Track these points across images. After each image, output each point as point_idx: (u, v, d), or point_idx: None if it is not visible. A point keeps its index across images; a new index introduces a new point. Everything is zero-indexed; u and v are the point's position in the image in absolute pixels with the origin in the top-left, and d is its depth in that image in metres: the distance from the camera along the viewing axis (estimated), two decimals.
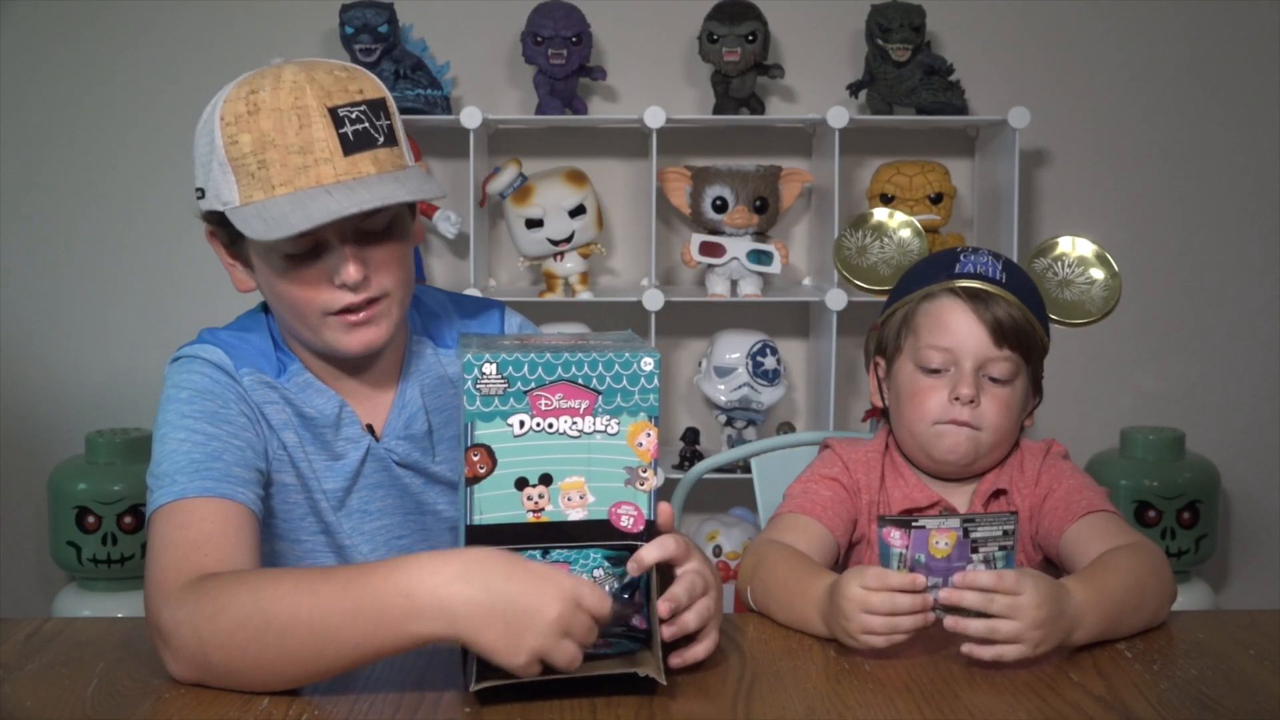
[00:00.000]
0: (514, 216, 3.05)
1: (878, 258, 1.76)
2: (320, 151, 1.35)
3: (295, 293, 1.41)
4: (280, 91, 1.36)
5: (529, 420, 1.25)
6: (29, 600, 3.25)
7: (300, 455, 1.48)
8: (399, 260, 1.44)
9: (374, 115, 1.39)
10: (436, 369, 1.57)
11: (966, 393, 1.58)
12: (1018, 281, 1.63)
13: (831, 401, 3.04)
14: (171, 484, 1.36)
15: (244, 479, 1.39)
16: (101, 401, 3.21)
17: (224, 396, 1.45)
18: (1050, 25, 3.28)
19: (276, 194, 1.35)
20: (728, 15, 3.05)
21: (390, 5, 3.03)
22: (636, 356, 1.26)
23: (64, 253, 3.23)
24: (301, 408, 1.49)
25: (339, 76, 1.39)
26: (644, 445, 1.27)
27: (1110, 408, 3.30)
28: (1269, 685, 1.31)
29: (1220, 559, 3.38)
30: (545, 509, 1.26)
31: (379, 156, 1.38)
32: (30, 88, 3.20)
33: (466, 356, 1.25)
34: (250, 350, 1.50)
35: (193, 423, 1.41)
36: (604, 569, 1.29)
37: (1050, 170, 3.32)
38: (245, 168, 1.36)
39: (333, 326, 1.43)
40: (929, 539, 1.34)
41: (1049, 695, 1.27)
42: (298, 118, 1.35)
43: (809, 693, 1.27)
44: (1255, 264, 3.34)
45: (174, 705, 1.23)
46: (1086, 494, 1.59)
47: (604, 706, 1.23)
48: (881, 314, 1.71)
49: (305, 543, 1.52)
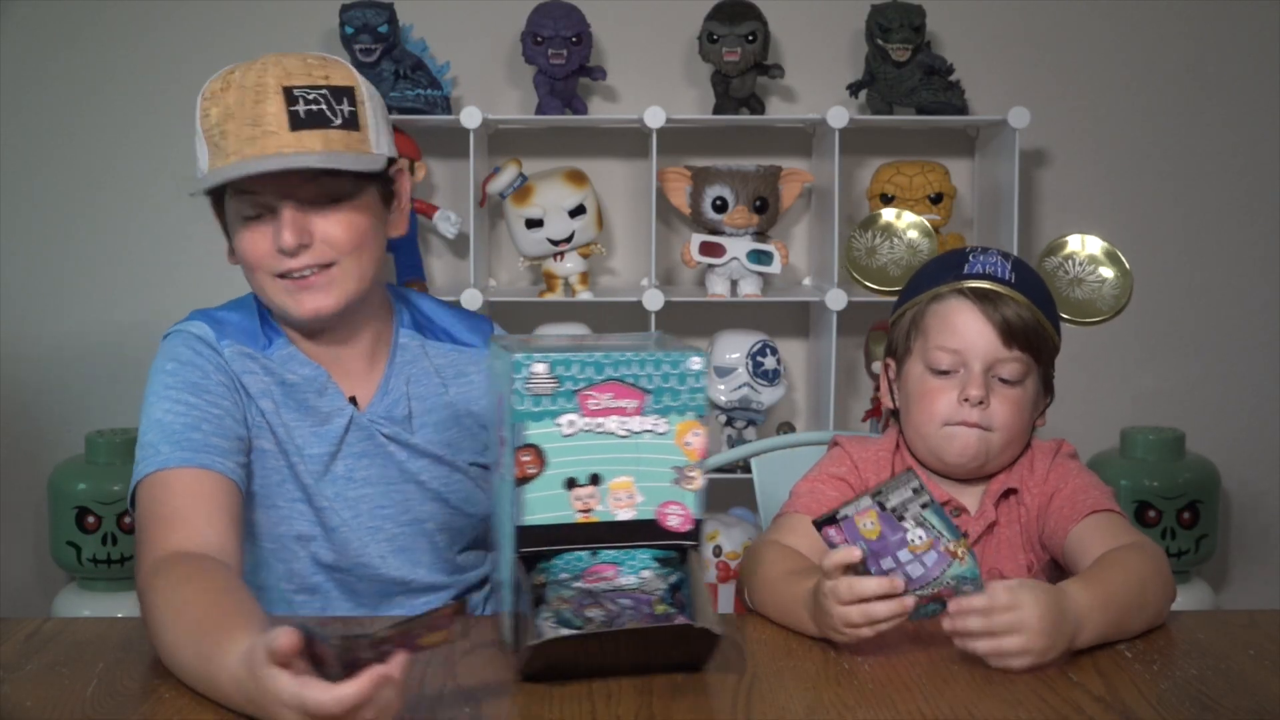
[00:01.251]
0: (514, 216, 3.05)
1: (887, 258, 1.76)
2: (269, 124, 1.46)
3: (246, 253, 1.53)
4: (250, 72, 1.48)
5: (578, 420, 1.25)
6: (29, 600, 3.24)
7: (278, 421, 1.56)
8: (349, 231, 1.52)
9: (335, 99, 1.49)
10: (423, 361, 1.66)
11: (975, 394, 1.58)
12: (1027, 281, 1.63)
13: (831, 401, 3.04)
14: (155, 454, 1.46)
15: (222, 448, 1.48)
16: (101, 401, 3.21)
17: (204, 367, 1.54)
18: (1050, 25, 3.28)
19: (229, 161, 1.47)
20: (728, 15, 3.05)
21: (390, 5, 3.03)
22: (684, 357, 1.27)
23: (64, 253, 3.23)
24: (284, 375, 1.57)
25: (309, 64, 1.50)
26: (692, 444, 1.28)
27: (1110, 408, 3.29)
28: (1269, 685, 1.31)
29: (1220, 559, 3.37)
30: (594, 509, 1.26)
31: (330, 136, 1.47)
32: (30, 88, 3.19)
33: (515, 356, 1.24)
34: (235, 324, 1.59)
35: (175, 394, 1.51)
36: (652, 570, 1.29)
37: (1050, 170, 3.32)
38: (212, 138, 1.49)
39: (280, 290, 1.53)
40: (857, 526, 1.34)
41: (1049, 695, 1.27)
42: (255, 94, 1.46)
43: (809, 693, 1.27)
44: (1255, 264, 3.34)
45: (174, 705, 1.23)
46: (1092, 494, 1.59)
47: (604, 706, 1.23)
48: (891, 315, 1.71)
49: (282, 508, 1.58)
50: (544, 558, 1.30)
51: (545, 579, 1.31)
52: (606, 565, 1.28)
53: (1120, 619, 1.40)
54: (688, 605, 1.29)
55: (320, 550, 1.60)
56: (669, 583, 1.30)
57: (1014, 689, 1.28)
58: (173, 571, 1.36)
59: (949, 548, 1.34)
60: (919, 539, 1.34)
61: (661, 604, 1.29)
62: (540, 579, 1.31)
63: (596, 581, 1.30)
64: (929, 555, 1.34)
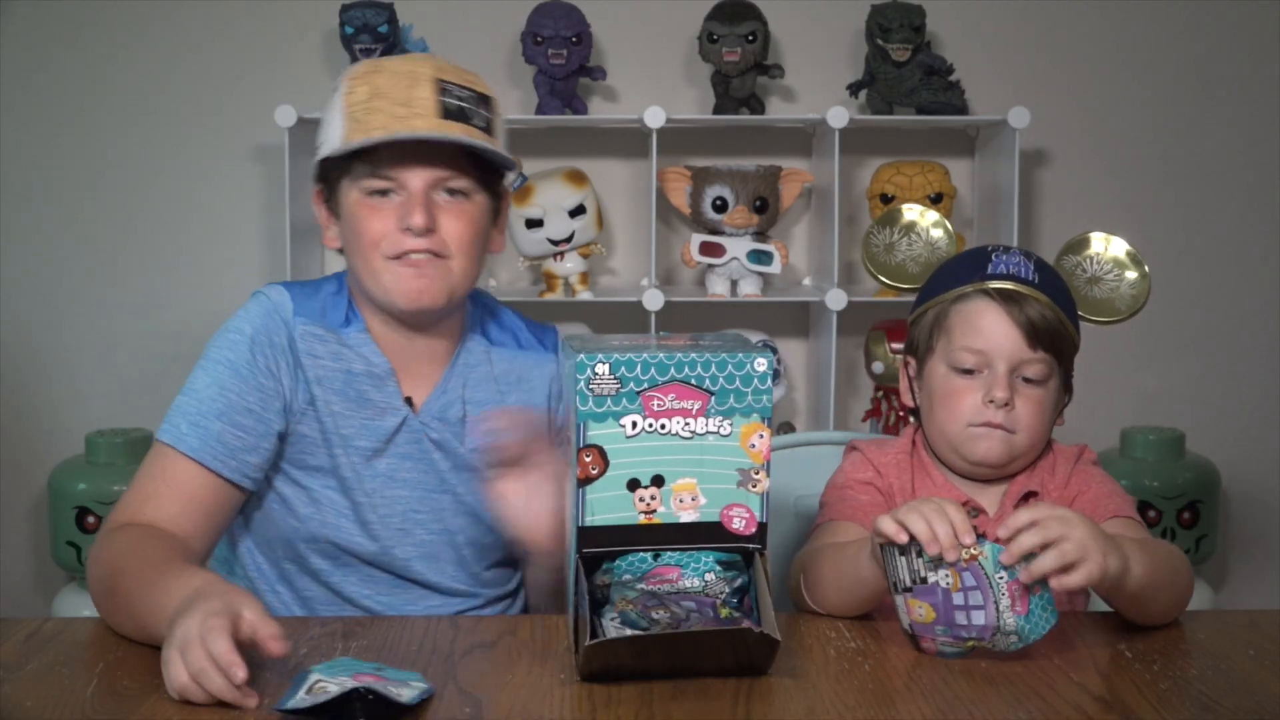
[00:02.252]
0: (514, 216, 3.05)
1: (905, 255, 1.75)
2: (419, 107, 1.52)
3: (369, 230, 1.55)
4: (403, 62, 1.57)
5: (641, 421, 1.25)
6: (29, 600, 3.24)
7: (326, 411, 1.59)
8: (468, 230, 1.57)
9: (478, 104, 1.56)
10: (485, 366, 1.67)
11: (1001, 395, 1.57)
12: (1050, 281, 1.62)
13: (831, 401, 3.04)
14: (176, 427, 1.54)
15: (235, 445, 1.54)
16: (101, 401, 3.21)
17: (261, 345, 1.57)
18: (1050, 25, 3.28)
19: (372, 135, 1.51)
20: (728, 15, 3.05)
21: (390, 5, 3.03)
22: (750, 357, 1.26)
23: (64, 253, 3.23)
24: (351, 361, 1.60)
25: (459, 68, 1.58)
26: (756, 447, 1.27)
27: (1110, 408, 3.29)
28: (1269, 685, 1.31)
29: (1220, 559, 3.37)
30: (658, 510, 1.26)
31: (471, 132, 1.54)
32: (30, 88, 3.19)
33: (579, 357, 1.24)
34: (317, 300, 1.62)
35: (220, 370, 1.56)
36: (715, 573, 1.29)
37: (1050, 170, 3.32)
38: (353, 114, 1.53)
39: (392, 271, 1.55)
40: (947, 592, 1.31)
41: (1049, 695, 1.27)
42: (409, 80, 1.53)
43: (809, 693, 1.27)
44: (1255, 264, 3.34)
45: (174, 705, 1.23)
46: (1114, 500, 1.59)
47: (604, 706, 1.23)
48: (912, 313, 1.70)
49: (315, 491, 1.60)
50: (607, 559, 1.30)
51: (609, 580, 1.31)
52: (669, 568, 1.28)
53: (1154, 577, 1.40)
54: (755, 610, 1.29)
55: (349, 538, 1.61)
56: (733, 586, 1.30)
57: (1014, 689, 1.28)
58: (136, 530, 1.49)
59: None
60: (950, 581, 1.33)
61: (725, 607, 1.29)
62: (604, 580, 1.31)
63: (660, 584, 1.30)
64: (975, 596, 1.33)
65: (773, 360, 1.30)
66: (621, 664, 1.25)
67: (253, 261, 3.24)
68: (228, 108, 3.20)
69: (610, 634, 1.25)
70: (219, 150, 3.22)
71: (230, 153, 3.22)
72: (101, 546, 1.49)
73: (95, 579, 1.47)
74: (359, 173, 1.55)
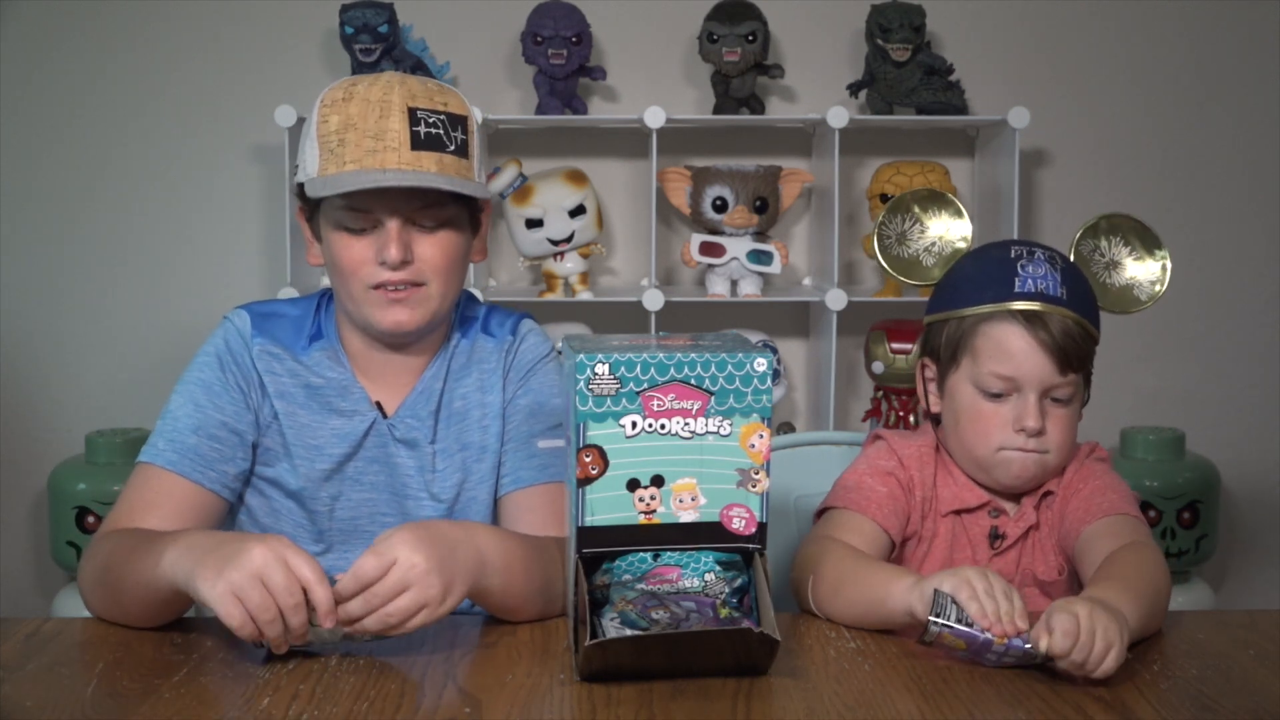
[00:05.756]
0: (514, 216, 3.05)
1: (919, 246, 1.69)
2: (391, 140, 1.51)
3: (346, 261, 1.56)
4: (374, 87, 1.54)
5: (641, 421, 1.25)
6: (29, 600, 3.24)
7: (290, 423, 1.62)
8: (444, 258, 1.57)
9: (450, 126, 1.55)
10: (461, 358, 1.67)
11: (1033, 425, 1.54)
12: (1075, 290, 1.58)
13: (831, 401, 3.04)
14: (157, 442, 1.58)
15: (211, 456, 1.58)
16: (101, 401, 3.21)
17: (226, 363, 1.62)
18: (1050, 25, 3.28)
19: (346, 169, 1.51)
20: (728, 15, 3.05)
21: (390, 5, 3.03)
22: (750, 357, 1.26)
23: (64, 253, 3.23)
24: (309, 378, 1.63)
25: (430, 88, 1.57)
26: (756, 447, 1.27)
27: (1110, 408, 3.29)
28: (1269, 685, 1.31)
29: (1220, 559, 3.37)
30: (657, 510, 1.26)
31: (444, 160, 1.54)
32: (30, 88, 3.19)
33: (579, 357, 1.24)
34: (281, 321, 1.65)
35: (192, 390, 1.61)
36: (715, 573, 1.29)
37: (1050, 170, 3.32)
38: (328, 144, 1.53)
39: (372, 300, 1.57)
40: (989, 641, 1.30)
41: (1049, 695, 1.27)
42: (380, 109, 1.52)
43: (809, 693, 1.27)
44: (1255, 264, 3.34)
45: (174, 705, 1.23)
46: (1111, 495, 1.57)
47: (604, 706, 1.23)
48: (928, 313, 1.66)
49: (275, 501, 1.64)
50: (607, 559, 1.30)
51: (609, 580, 1.31)
52: (669, 568, 1.28)
53: (1145, 622, 1.39)
54: (754, 610, 1.29)
55: (304, 546, 1.59)
56: (733, 586, 1.30)
57: (1014, 689, 1.28)
58: (125, 530, 1.52)
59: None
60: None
61: (725, 607, 1.29)
62: (604, 580, 1.31)
63: (659, 584, 1.30)
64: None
65: (772, 360, 1.29)
66: (621, 664, 1.25)
67: (253, 261, 3.24)
68: (228, 108, 3.20)
69: (610, 634, 1.25)
70: (219, 150, 3.22)
71: (230, 153, 3.22)
72: (91, 554, 1.52)
73: (87, 579, 1.50)
74: (335, 204, 1.56)
